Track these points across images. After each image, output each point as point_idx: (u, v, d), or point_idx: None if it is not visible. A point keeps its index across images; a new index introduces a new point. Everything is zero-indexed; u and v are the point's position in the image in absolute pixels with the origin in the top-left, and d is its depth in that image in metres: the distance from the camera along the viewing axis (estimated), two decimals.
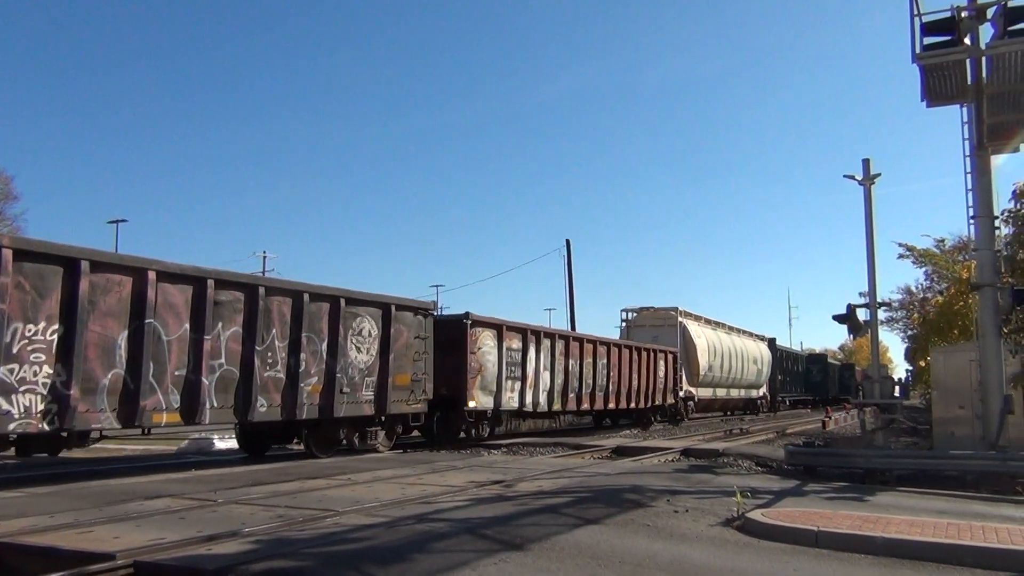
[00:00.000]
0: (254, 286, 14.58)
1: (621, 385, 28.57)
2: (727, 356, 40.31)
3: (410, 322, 18.33)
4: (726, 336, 41.95)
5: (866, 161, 17.58)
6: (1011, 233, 18.14)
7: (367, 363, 16.92)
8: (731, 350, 41.20)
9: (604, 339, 28.70)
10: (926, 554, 7.26)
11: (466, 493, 10.77)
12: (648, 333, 35.11)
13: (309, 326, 15.39)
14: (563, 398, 24.62)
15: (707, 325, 40.09)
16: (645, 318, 36.93)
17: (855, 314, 17.42)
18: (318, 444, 16.43)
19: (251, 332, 14.22)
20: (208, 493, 10.39)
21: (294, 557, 6.55)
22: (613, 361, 27.94)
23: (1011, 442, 14.72)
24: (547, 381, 23.74)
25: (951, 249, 35.98)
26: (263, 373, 14.44)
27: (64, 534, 7.44)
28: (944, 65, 13.54)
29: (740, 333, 45.53)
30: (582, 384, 25.75)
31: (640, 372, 30.13)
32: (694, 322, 38.15)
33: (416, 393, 18.35)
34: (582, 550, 7.18)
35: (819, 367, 68.33)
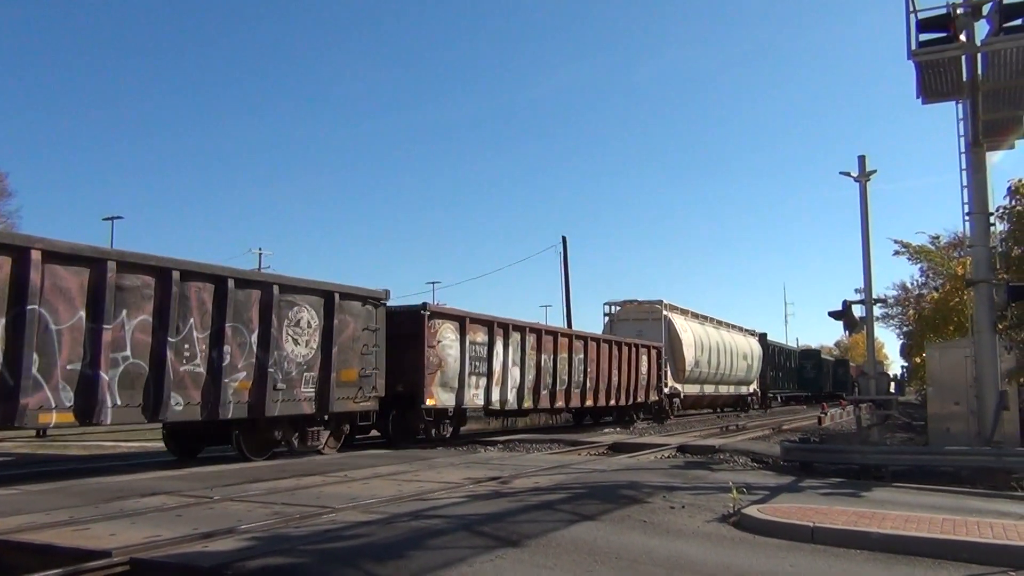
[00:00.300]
0: (166, 269, 12.91)
1: (600, 382, 27.42)
2: (715, 351, 39.10)
3: (357, 312, 16.92)
4: (714, 331, 40.79)
5: (862, 158, 17.61)
6: (1006, 229, 18.23)
7: (306, 357, 15.49)
8: (719, 345, 40.01)
9: (581, 333, 27.74)
10: (922, 549, 7.28)
11: (462, 489, 10.78)
12: (632, 327, 33.77)
13: (235, 315, 13.97)
14: (535, 395, 23.42)
15: (694, 319, 38.96)
16: (629, 312, 35.58)
17: (851, 310, 17.44)
18: (251, 446, 14.97)
19: (164, 321, 12.66)
20: (204, 490, 10.39)
21: (291, 554, 6.55)
22: (591, 356, 26.78)
23: (1006, 438, 14.77)
24: (517, 377, 22.52)
25: (946, 246, 36.00)
26: (178, 367, 12.92)
27: (60, 531, 7.43)
28: (940, 62, 13.54)
29: (729, 328, 44.30)
30: (556, 380, 24.61)
31: (621, 368, 28.90)
32: (680, 316, 36.90)
33: (365, 390, 16.95)
34: (578, 546, 7.18)
35: (813, 363, 67.09)
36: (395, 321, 18.24)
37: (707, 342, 38.14)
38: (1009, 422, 15.44)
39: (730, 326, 44.65)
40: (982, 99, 13.91)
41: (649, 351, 31.81)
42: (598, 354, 27.33)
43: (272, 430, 15.18)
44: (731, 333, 43.88)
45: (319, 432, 16.28)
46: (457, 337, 20.00)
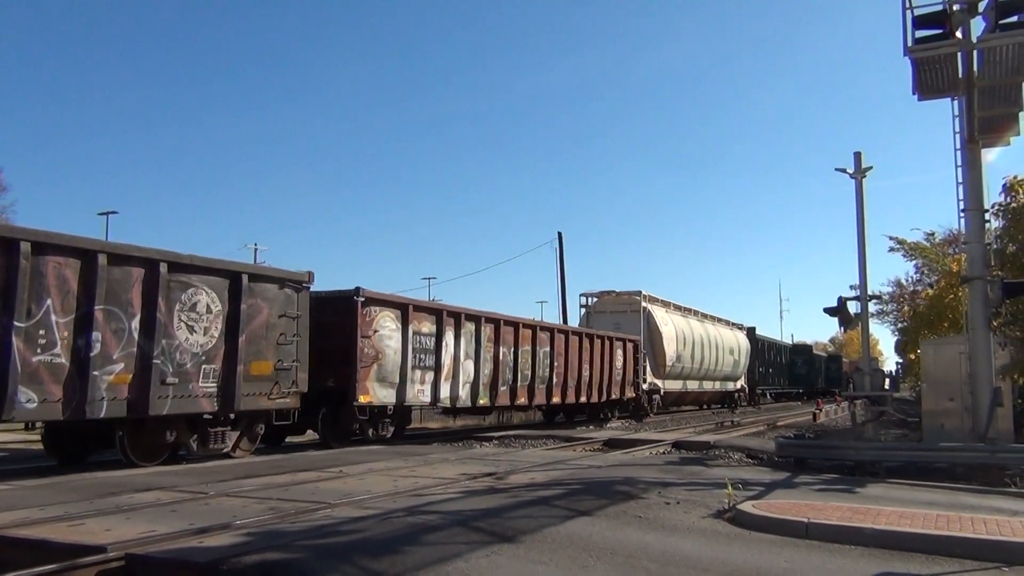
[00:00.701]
0: (12, 241, 10.89)
1: (569, 377, 25.37)
2: (699, 345, 37.33)
3: (273, 297, 14.91)
4: (698, 324, 38.98)
5: (857, 154, 17.65)
6: (1001, 226, 18.23)
7: (205, 347, 13.46)
8: (704, 339, 38.34)
9: (546, 324, 25.87)
10: (916, 545, 7.30)
11: (458, 485, 10.79)
12: (610, 320, 32.17)
13: (109, 297, 11.95)
14: (492, 391, 21.47)
15: (676, 311, 37.14)
16: (606, 303, 33.86)
17: (846, 307, 17.49)
18: (138, 449, 12.94)
19: (8, 303, 10.74)
20: (200, 486, 10.38)
21: (286, 550, 6.55)
22: (558, 350, 24.76)
23: (1000, 434, 14.81)
24: (471, 372, 20.66)
25: (941, 242, 36.05)
26: (29, 357, 10.94)
27: (55, 527, 7.42)
28: (936, 58, 13.57)
29: (715, 321, 42.57)
30: (517, 375, 22.56)
31: (593, 362, 26.98)
32: (660, 308, 35.04)
33: (283, 385, 14.92)
34: (574, 542, 7.19)
35: (804, 358, 65.35)
36: (324, 308, 16.46)
37: (690, 336, 36.47)
38: (1003, 418, 15.48)
39: (715, 319, 43.04)
40: (978, 96, 13.93)
41: (625, 345, 29.91)
42: (567, 347, 25.39)
43: (164, 431, 13.21)
44: (716, 327, 42.15)
45: (224, 433, 14.22)
46: (398, 327, 18.11)
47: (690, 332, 36.67)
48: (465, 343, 20.52)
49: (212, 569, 5.97)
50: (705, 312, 41.55)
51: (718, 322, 43.16)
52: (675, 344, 34.37)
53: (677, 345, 34.56)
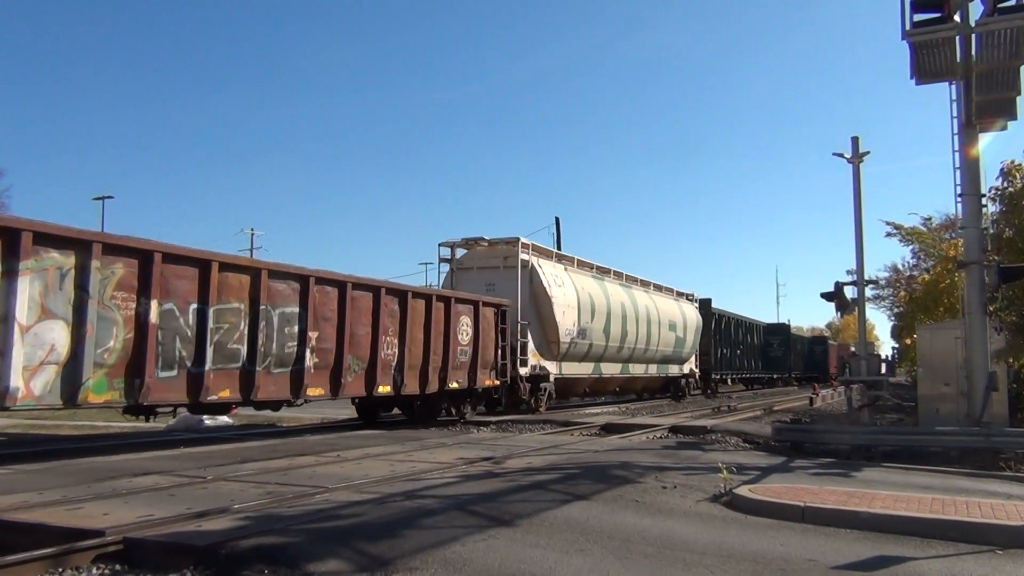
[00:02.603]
0: None
1: (355, 353, 16.14)
2: (618, 317, 28.85)
3: None
4: (619, 289, 30.46)
5: (855, 139, 17.64)
6: (998, 211, 18.25)
7: None
8: (627, 309, 29.82)
9: (304, 270, 14.97)
10: (911, 529, 7.34)
11: (455, 470, 10.81)
12: (480, 279, 24.01)
13: None
14: None
15: (580, 270, 28.33)
16: (476, 257, 25.08)
17: (842, 292, 17.52)
18: None
19: None
20: (197, 470, 10.39)
21: (284, 533, 6.57)
22: (324, 312, 15.34)
23: (995, 418, 14.88)
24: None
25: (938, 227, 36.11)
26: None
27: (53, 511, 7.43)
28: (934, 42, 13.52)
29: (649, 287, 34.13)
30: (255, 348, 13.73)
31: (414, 335, 18.09)
32: (552, 264, 26.14)
33: None
34: (571, 525, 7.22)
35: (780, 339, 56.85)
36: None
37: (603, 303, 27.88)
38: (998, 403, 15.56)
39: (650, 285, 34.46)
40: (975, 80, 13.91)
41: (478, 311, 20.73)
42: (348, 310, 15.90)
43: None
44: (650, 295, 33.44)
45: None
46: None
47: (603, 299, 28.06)
48: None
49: (210, 553, 5.98)
50: (634, 275, 33.01)
51: (655, 289, 34.85)
52: (575, 313, 25.72)
53: (580, 315, 25.98)
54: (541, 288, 24.31)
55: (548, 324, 24.61)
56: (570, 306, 25.50)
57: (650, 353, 32.14)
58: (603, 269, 30.36)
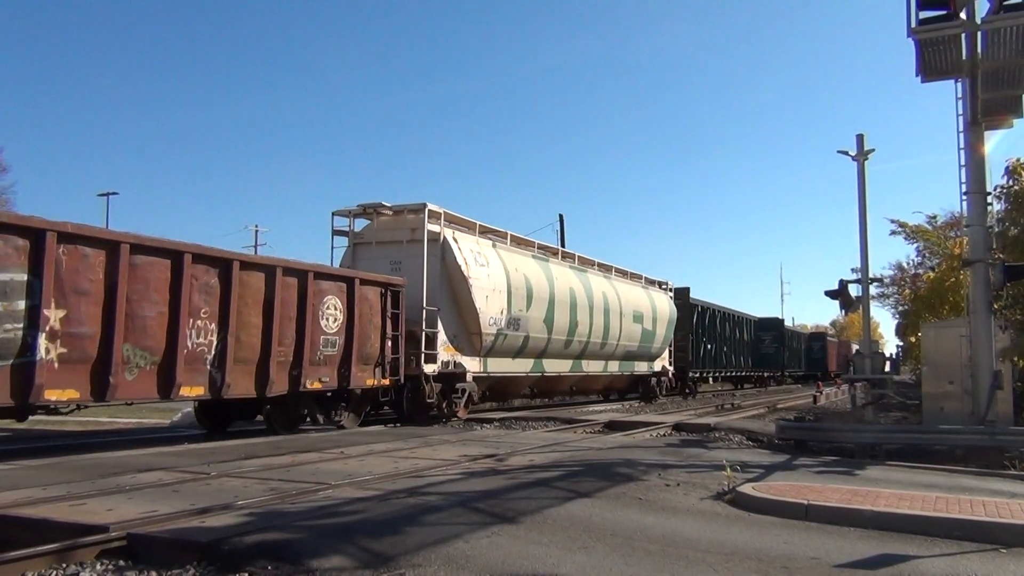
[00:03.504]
0: None
1: (137, 341, 12.26)
2: (567, 305, 24.73)
3: None
4: (571, 273, 26.05)
5: (860, 137, 17.58)
6: (1003, 209, 18.22)
7: None
8: (578, 296, 25.51)
9: (35, 221, 10.97)
10: (914, 527, 7.32)
11: (459, 467, 10.82)
12: (384, 257, 19.91)
13: None
14: None
15: (516, 248, 23.65)
16: (378, 230, 20.56)
17: (847, 289, 17.49)
18: None
19: None
20: (201, 466, 10.41)
21: (287, 530, 6.57)
22: (77, 282, 11.48)
23: (999, 417, 14.83)
24: None
25: (943, 225, 36.04)
26: None
27: (57, 506, 7.45)
28: (939, 40, 13.48)
29: (611, 273, 29.81)
30: None
31: (246, 319, 14.13)
32: (474, 239, 21.47)
33: None
34: (574, 523, 7.22)
35: (773, 335, 52.96)
36: None
37: (544, 288, 23.54)
38: (1003, 401, 15.51)
39: (611, 270, 30.06)
40: (981, 78, 13.86)
41: (353, 290, 16.47)
42: (113, 281, 11.95)
43: None
44: (613, 281, 29.37)
45: None
46: None
47: (546, 283, 23.77)
48: None
49: (214, 548, 5.99)
50: (589, 258, 28.65)
51: (618, 275, 30.43)
52: (504, 299, 21.42)
53: (511, 301, 21.70)
54: (456, 267, 20.02)
55: (467, 312, 20.41)
56: (497, 290, 21.13)
57: (609, 348, 28.22)
58: (547, 248, 26.36)
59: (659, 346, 32.75)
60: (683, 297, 36.67)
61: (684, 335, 36.31)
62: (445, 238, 20.08)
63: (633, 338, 29.76)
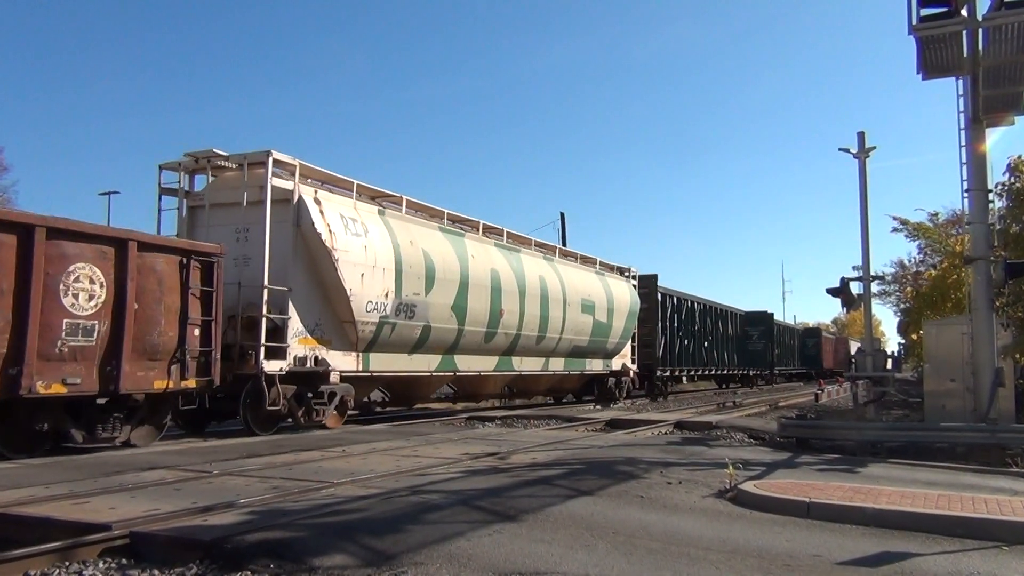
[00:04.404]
0: None
1: None
2: (486, 290, 20.63)
3: None
4: (495, 252, 21.82)
5: (861, 134, 17.61)
6: (1005, 206, 18.24)
7: None
8: (503, 279, 21.32)
9: None
10: (916, 524, 7.32)
11: (460, 465, 10.82)
12: (229, 223, 15.64)
13: None
14: None
15: (413, 216, 19.39)
16: (218, 189, 16.41)
17: (848, 287, 17.49)
18: None
19: None
20: (203, 465, 10.42)
21: (289, 528, 6.58)
22: None
23: (1001, 414, 14.84)
24: None
25: (945, 223, 36.04)
26: None
27: (60, 505, 7.46)
28: (941, 37, 13.46)
29: (554, 255, 25.67)
30: None
31: None
32: (347, 201, 17.21)
33: None
34: (576, 521, 7.22)
35: (761, 330, 48.64)
36: None
37: (452, 267, 19.42)
38: (1005, 399, 15.52)
39: (555, 250, 26.09)
40: (982, 75, 13.84)
41: (127, 258, 12.14)
42: None
43: None
44: (554, 263, 25.07)
45: None
46: None
47: (455, 261, 19.62)
48: None
49: (216, 547, 6.00)
50: (524, 236, 24.35)
51: (562, 256, 26.37)
52: (391, 279, 17.43)
53: (401, 281, 17.65)
54: (315, 236, 15.75)
55: (334, 294, 16.30)
56: (379, 268, 17.11)
57: (549, 343, 24.03)
58: (465, 221, 21.56)
59: (617, 341, 28.60)
60: (649, 286, 32.36)
61: (651, 329, 32.25)
62: (301, 198, 15.84)
63: (582, 331, 25.82)
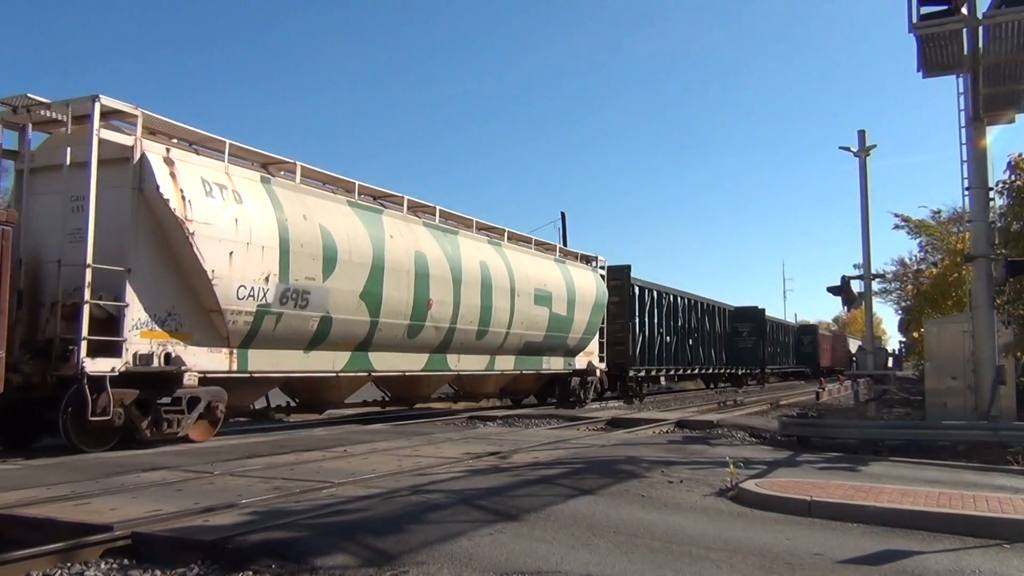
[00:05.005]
0: None
1: None
2: (409, 275, 17.65)
3: None
4: (421, 232, 18.67)
5: (861, 132, 17.59)
6: (1006, 204, 18.24)
7: None
8: (433, 264, 18.39)
9: None
10: (918, 523, 7.32)
11: (462, 464, 10.82)
12: (65, 188, 12.35)
13: None
14: None
15: (306, 187, 16.10)
16: (52, 148, 13.10)
17: (849, 285, 17.48)
18: None
19: None
20: (204, 465, 10.42)
21: (291, 528, 6.58)
22: None
23: (1003, 412, 14.85)
24: None
25: (946, 220, 36.06)
26: None
27: (61, 506, 7.46)
28: (941, 35, 13.47)
29: (500, 237, 22.38)
30: None
31: None
32: (214, 163, 14.00)
33: None
34: (577, 520, 7.22)
35: (751, 327, 45.88)
36: None
37: (363, 248, 16.43)
38: (1006, 396, 15.53)
39: (503, 233, 22.58)
40: (983, 73, 13.85)
41: None
42: None
43: None
44: (502, 249, 21.94)
45: None
46: None
47: (368, 243, 16.61)
48: None
49: (217, 547, 6.00)
50: (466, 216, 21.19)
51: (513, 240, 23.13)
52: (275, 259, 14.36)
53: (289, 264, 14.63)
54: (162, 203, 12.63)
55: (193, 276, 13.20)
56: (256, 245, 13.94)
57: (494, 338, 20.96)
58: (388, 197, 18.34)
59: (580, 336, 25.43)
60: (621, 277, 29.46)
61: (623, 324, 29.37)
62: (145, 157, 12.63)
63: (536, 325, 22.70)
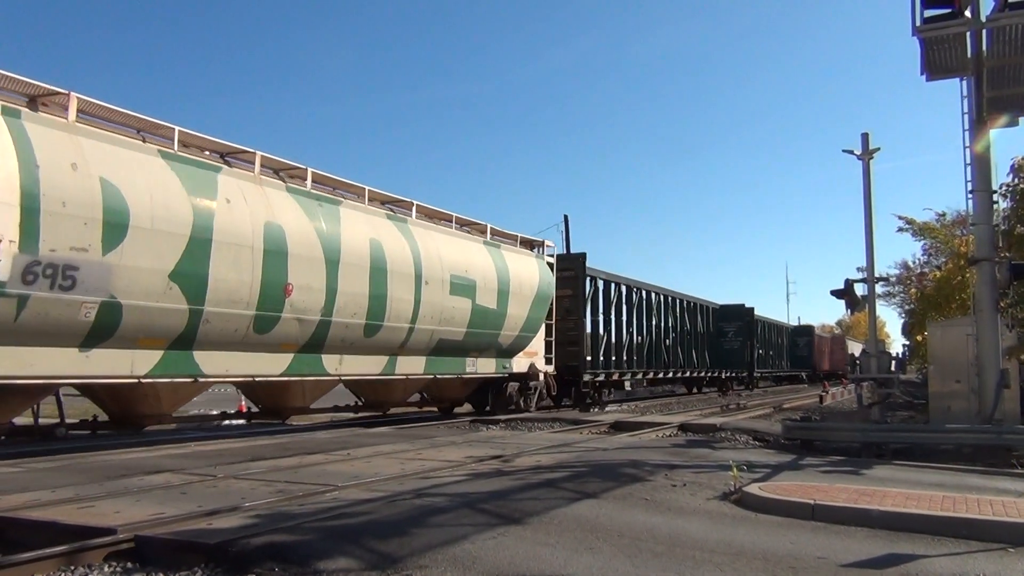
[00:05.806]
0: None
1: None
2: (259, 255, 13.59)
3: None
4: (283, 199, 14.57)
5: (865, 135, 17.56)
6: (1009, 207, 18.21)
7: None
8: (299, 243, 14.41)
9: None
10: (922, 526, 7.31)
11: (465, 468, 10.82)
12: None
13: None
14: None
15: (97, 130, 11.66)
16: None
17: (853, 289, 17.46)
18: None
19: None
20: (208, 468, 10.43)
21: (294, 531, 6.58)
22: None
23: (1006, 416, 14.82)
24: None
25: (950, 223, 35.99)
26: None
27: (65, 508, 7.46)
28: (944, 38, 13.46)
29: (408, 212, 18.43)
30: None
31: None
32: None
33: None
34: (580, 524, 7.22)
35: (738, 327, 42.33)
36: None
37: (179, 218, 12.25)
38: (1010, 400, 15.49)
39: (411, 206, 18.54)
40: (987, 76, 13.85)
41: None
42: None
43: None
44: (409, 226, 18.02)
45: None
46: None
47: (188, 210, 12.45)
48: None
49: (221, 551, 6.00)
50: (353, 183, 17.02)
51: (424, 218, 19.21)
52: (11, 220, 10.04)
53: (30, 225, 10.24)
54: None
55: None
56: None
57: (392, 334, 17.15)
58: (236, 153, 14.41)
59: (518, 335, 21.69)
60: (574, 267, 25.90)
61: (576, 321, 25.70)
62: None
63: (453, 320, 19.03)
